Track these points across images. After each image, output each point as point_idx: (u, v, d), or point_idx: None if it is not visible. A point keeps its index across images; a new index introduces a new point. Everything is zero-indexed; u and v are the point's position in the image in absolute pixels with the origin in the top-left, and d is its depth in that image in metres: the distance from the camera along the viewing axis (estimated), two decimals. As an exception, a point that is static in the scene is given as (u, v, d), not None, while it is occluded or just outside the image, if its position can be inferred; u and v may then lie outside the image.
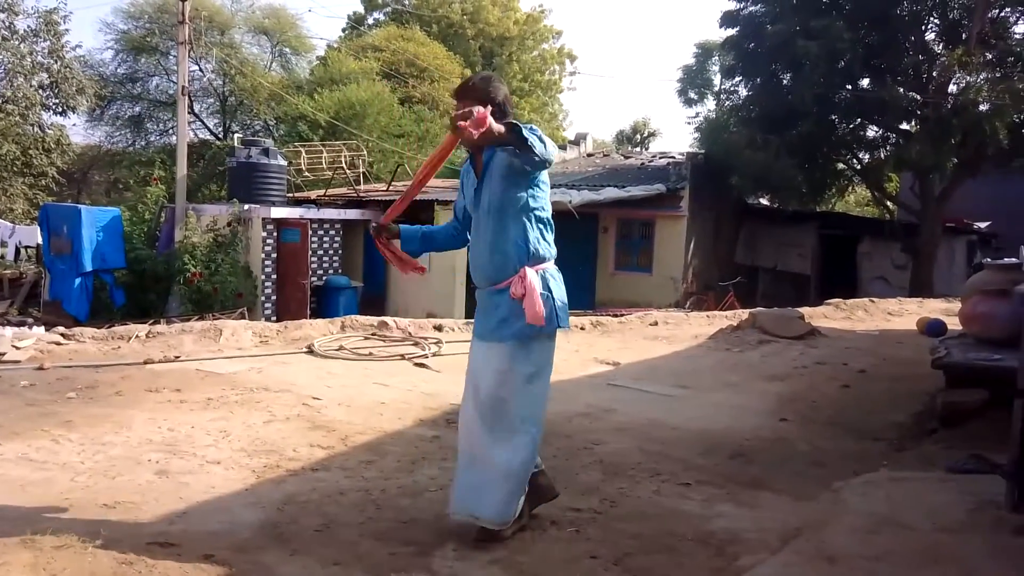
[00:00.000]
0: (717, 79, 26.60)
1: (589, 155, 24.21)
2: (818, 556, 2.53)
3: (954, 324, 6.10)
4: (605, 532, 2.94)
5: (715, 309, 12.18)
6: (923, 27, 16.87)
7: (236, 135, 19.53)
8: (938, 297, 12.47)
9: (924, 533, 2.66)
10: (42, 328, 6.68)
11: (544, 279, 2.82)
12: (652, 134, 37.62)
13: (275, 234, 13.36)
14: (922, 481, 3.22)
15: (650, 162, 21.45)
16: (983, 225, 18.97)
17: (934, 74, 16.35)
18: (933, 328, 7.19)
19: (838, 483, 3.26)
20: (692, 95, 27.96)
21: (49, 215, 12.89)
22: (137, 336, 6.30)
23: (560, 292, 2.87)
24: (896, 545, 2.57)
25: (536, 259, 2.83)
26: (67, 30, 18.73)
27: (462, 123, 2.54)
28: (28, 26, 17.87)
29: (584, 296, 17.06)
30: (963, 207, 18.16)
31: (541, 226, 2.87)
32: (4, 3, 17.14)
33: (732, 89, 20.19)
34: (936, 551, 2.51)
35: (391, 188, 16.88)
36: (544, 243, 2.87)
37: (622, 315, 9.05)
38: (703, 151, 19.51)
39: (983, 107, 14.74)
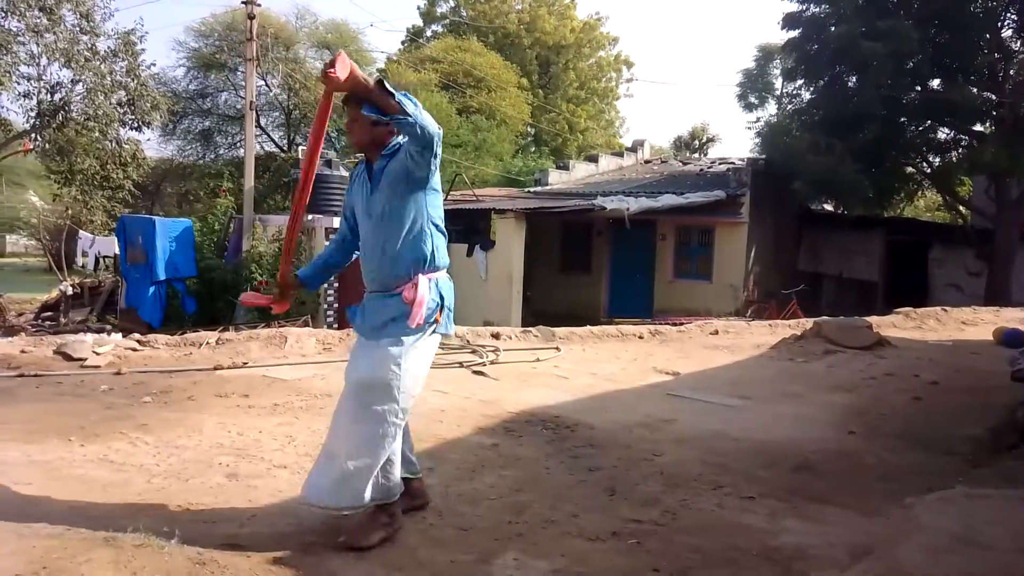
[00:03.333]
0: (778, 82, 26.09)
1: (646, 162, 24.03)
2: (890, 575, 2.45)
3: (1034, 334, 5.82)
4: (666, 545, 2.91)
5: (777, 318, 11.91)
6: (999, 24, 16.21)
7: (300, 147, 20.06)
8: (1016, 306, 11.93)
9: (1004, 553, 2.55)
10: (119, 335, 6.97)
11: (437, 287, 2.86)
12: (711, 140, 37.04)
13: (337, 243, 13.67)
14: (1001, 499, 3.08)
15: (709, 168, 21.14)
16: (1065, 230, 18.04)
17: (1011, 72, 15.68)
18: (1011, 338, 6.90)
19: (910, 499, 3.14)
20: (752, 99, 27.45)
21: (125, 226, 13.45)
22: (207, 343, 6.53)
23: (450, 299, 2.92)
24: (974, 566, 2.47)
25: (431, 267, 2.85)
26: (143, 49, 19.65)
27: (330, 70, 2.51)
28: (108, 47, 18.77)
29: (641, 304, 16.91)
30: (1043, 211, 17.30)
31: (438, 233, 2.89)
32: (87, 26, 18.04)
33: (794, 92, 19.82)
34: (1017, 573, 2.40)
35: (448, 198, 17.08)
36: (440, 252, 2.89)
37: (681, 324, 8.93)
38: (764, 156, 19.12)
39: (1065, 106, 14.08)
